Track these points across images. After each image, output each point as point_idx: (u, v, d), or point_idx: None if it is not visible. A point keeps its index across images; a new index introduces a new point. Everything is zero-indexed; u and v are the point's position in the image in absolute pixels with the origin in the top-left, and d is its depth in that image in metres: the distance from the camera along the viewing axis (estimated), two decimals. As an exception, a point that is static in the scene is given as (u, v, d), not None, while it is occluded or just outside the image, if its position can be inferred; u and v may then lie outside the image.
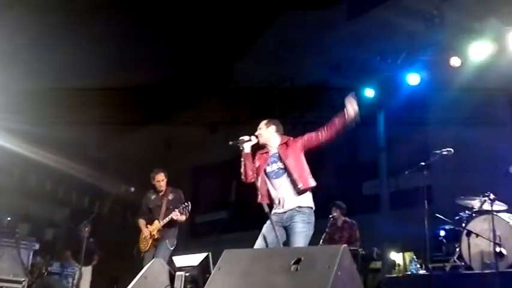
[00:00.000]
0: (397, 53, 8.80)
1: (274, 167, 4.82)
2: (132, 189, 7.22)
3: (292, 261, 3.56)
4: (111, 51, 10.95)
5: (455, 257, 6.42)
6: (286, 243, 4.65)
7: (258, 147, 5.06)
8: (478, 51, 8.08)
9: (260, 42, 13.18)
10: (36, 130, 10.78)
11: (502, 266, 5.71)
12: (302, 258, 3.55)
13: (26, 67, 9.61)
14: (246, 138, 4.98)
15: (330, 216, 7.80)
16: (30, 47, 9.63)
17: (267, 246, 4.63)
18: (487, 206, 6.21)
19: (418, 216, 6.41)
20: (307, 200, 4.73)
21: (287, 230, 4.67)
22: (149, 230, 6.78)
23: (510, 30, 7.81)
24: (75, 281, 8.76)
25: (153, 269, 4.66)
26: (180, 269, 4.46)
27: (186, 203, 6.74)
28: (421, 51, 8.61)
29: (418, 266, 6.50)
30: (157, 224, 6.75)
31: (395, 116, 9.68)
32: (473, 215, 6.43)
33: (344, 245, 3.66)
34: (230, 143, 4.99)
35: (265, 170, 4.86)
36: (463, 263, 6.19)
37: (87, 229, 7.11)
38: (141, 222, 6.96)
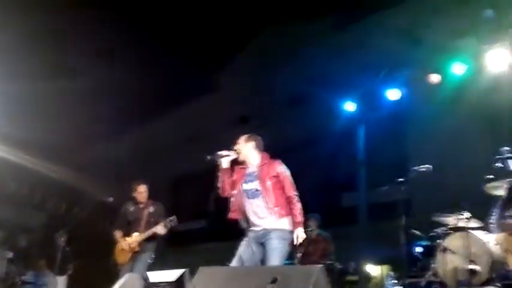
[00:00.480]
0: (378, 68, 8.91)
1: (252, 186, 4.77)
2: (111, 199, 7.15)
3: (268, 281, 3.57)
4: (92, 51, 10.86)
5: (430, 273, 6.49)
6: (263, 259, 4.61)
7: (237, 161, 5.00)
8: (457, 68, 8.23)
9: (241, 52, 13.19)
10: (14, 132, 10.62)
11: (475, 283, 5.79)
12: (278, 278, 3.57)
13: (3, 69, 9.48)
14: (224, 153, 4.97)
15: (308, 229, 7.81)
16: (8, 48, 9.50)
17: (243, 263, 4.60)
18: (462, 223, 6.31)
19: (396, 229, 6.50)
20: (285, 223, 4.68)
21: (263, 246, 4.62)
22: (128, 242, 6.64)
23: (487, 49, 7.97)
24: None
25: (128, 284, 4.63)
26: (155, 284, 4.43)
27: (171, 217, 6.75)
28: (401, 67, 8.72)
29: (394, 281, 6.54)
30: (137, 237, 6.64)
31: (375, 130, 9.78)
32: (449, 231, 6.52)
33: (320, 266, 3.68)
34: (208, 157, 4.97)
35: (242, 186, 4.81)
36: (438, 279, 6.26)
37: (63, 239, 7.02)
38: (118, 234, 6.82)
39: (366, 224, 10.30)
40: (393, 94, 8.89)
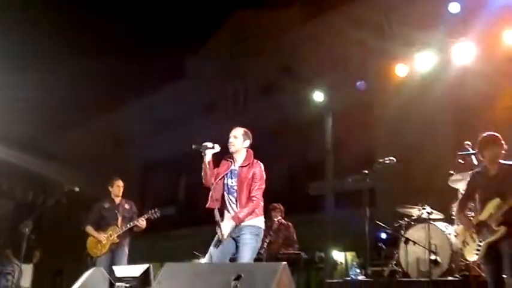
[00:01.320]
0: (347, 59, 8.98)
1: (232, 182, 4.87)
2: (77, 188, 7.08)
3: (233, 278, 3.61)
4: (65, 41, 10.68)
5: (393, 263, 6.65)
6: (234, 253, 4.74)
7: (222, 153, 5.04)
8: (424, 61, 8.32)
9: (214, 38, 13.12)
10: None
11: (436, 273, 5.95)
12: (242, 275, 3.61)
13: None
14: (209, 145, 4.92)
15: (275, 219, 7.88)
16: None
17: (215, 258, 4.67)
18: (424, 215, 6.46)
19: (361, 218, 6.62)
20: (257, 221, 4.81)
21: (236, 241, 4.74)
22: (106, 235, 6.77)
23: (453, 42, 8.08)
24: (14, 280, 8.54)
25: (93, 279, 4.60)
26: (121, 279, 4.41)
27: (155, 209, 6.81)
28: (370, 58, 8.79)
29: (358, 270, 6.67)
30: (116, 229, 6.77)
31: (343, 120, 9.89)
32: (412, 223, 6.67)
33: (283, 263, 3.74)
34: (193, 146, 4.91)
35: (224, 181, 4.90)
36: (400, 269, 6.41)
37: (27, 229, 6.93)
38: (90, 228, 6.91)
39: (333, 212, 10.47)
40: (361, 85, 8.96)
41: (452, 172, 6.25)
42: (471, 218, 4.74)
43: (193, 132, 13.85)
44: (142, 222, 6.73)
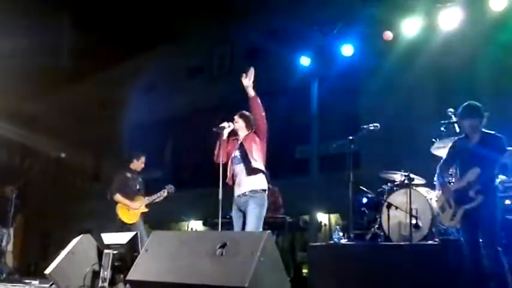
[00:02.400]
0: (333, 24, 8.93)
1: (237, 153, 5.38)
2: (63, 154, 7.13)
3: (218, 246, 3.72)
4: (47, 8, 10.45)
5: (375, 227, 6.81)
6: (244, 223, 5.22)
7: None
8: (410, 26, 8.31)
9: (201, 2, 12.93)
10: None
11: (417, 237, 6.12)
12: (227, 243, 3.71)
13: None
14: (226, 125, 5.47)
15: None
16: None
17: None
18: (406, 180, 6.59)
19: (345, 182, 6.75)
20: (260, 182, 5.27)
21: (244, 213, 5.22)
22: (138, 205, 7.21)
23: (440, 8, 8.06)
24: (3, 244, 8.62)
25: (82, 245, 4.70)
26: (108, 246, 4.51)
27: (171, 186, 7.38)
28: (356, 23, 8.75)
29: (341, 234, 6.83)
30: (143, 200, 7.26)
31: (329, 85, 9.92)
32: (394, 188, 6.81)
33: (268, 232, 3.85)
34: (214, 129, 5.44)
35: (232, 155, 5.41)
36: (382, 233, 6.58)
37: (14, 195, 7.00)
38: (119, 196, 7.20)
39: (318, 175, 10.61)
40: (347, 50, 8.95)
41: (434, 140, 6.36)
42: (451, 184, 4.86)
43: (180, 95, 13.81)
44: (163, 196, 7.31)
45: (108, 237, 4.66)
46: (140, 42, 13.67)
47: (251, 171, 5.23)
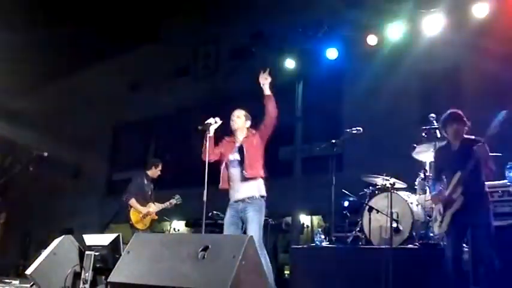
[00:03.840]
0: (318, 27, 8.98)
1: (235, 156, 5.27)
2: (45, 153, 7.08)
3: (200, 249, 3.73)
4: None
5: (357, 230, 6.89)
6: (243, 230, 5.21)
7: (229, 134, 5.47)
8: (394, 31, 8.40)
9: (186, 1, 12.92)
10: None
11: (397, 241, 6.20)
12: (209, 246, 3.72)
13: None
14: (212, 121, 5.36)
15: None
16: None
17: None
18: (388, 184, 6.67)
19: (328, 183, 6.82)
20: (258, 188, 5.22)
21: (243, 220, 5.18)
22: (151, 211, 7.41)
23: (424, 13, 8.16)
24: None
25: (63, 246, 4.68)
26: (90, 248, 4.50)
27: (179, 197, 7.67)
28: (340, 27, 8.81)
29: (323, 237, 6.89)
30: (154, 207, 7.46)
31: (313, 88, 9.97)
32: (376, 191, 6.90)
33: (250, 235, 3.87)
34: (199, 127, 5.32)
35: (228, 158, 5.31)
36: (363, 236, 6.66)
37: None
38: (135, 202, 7.37)
39: (301, 176, 10.65)
40: (332, 53, 9.01)
41: (415, 145, 6.44)
42: (440, 194, 4.88)
43: (165, 95, 13.77)
44: (171, 206, 7.60)
45: (90, 238, 4.65)
46: (125, 41, 13.58)
47: (251, 178, 5.15)
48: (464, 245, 4.97)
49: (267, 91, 5.41)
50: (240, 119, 5.44)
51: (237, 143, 5.37)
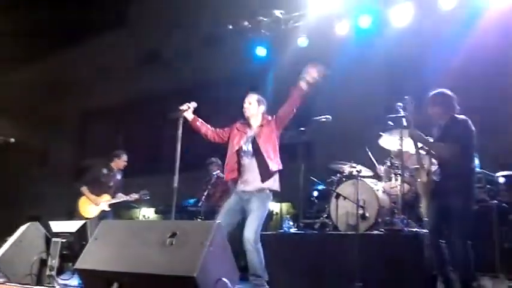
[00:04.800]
0: (289, 15, 9.02)
1: (249, 147, 4.98)
2: (12, 140, 6.99)
3: (168, 235, 3.75)
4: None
5: (324, 216, 7.01)
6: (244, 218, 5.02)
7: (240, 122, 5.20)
8: (363, 21, 8.48)
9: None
10: None
11: (364, 227, 6.34)
12: (177, 233, 3.75)
13: None
14: (184, 107, 5.07)
15: (214, 173, 8.06)
16: None
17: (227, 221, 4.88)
18: (355, 172, 6.81)
19: (296, 170, 6.90)
20: (272, 182, 5.00)
21: (246, 209, 4.98)
22: (101, 201, 7.37)
23: (393, 3, 8.27)
24: None
25: (29, 233, 4.64)
26: (57, 234, 4.47)
27: (146, 193, 7.53)
28: (310, 15, 8.84)
29: (291, 223, 6.99)
30: (108, 198, 7.42)
31: (284, 76, 9.99)
32: (343, 179, 7.03)
33: (217, 222, 3.91)
34: (171, 114, 5.02)
35: (240, 148, 5.00)
36: (330, 223, 6.78)
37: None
38: (86, 189, 7.40)
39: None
40: (302, 41, 9.06)
41: (381, 134, 6.56)
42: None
43: (134, 82, 13.63)
44: (132, 199, 7.47)
45: (57, 225, 4.62)
46: (94, 26, 13.35)
47: (266, 172, 4.89)
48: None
49: (304, 86, 5.10)
50: (252, 106, 5.15)
51: (250, 131, 5.08)
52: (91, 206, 7.37)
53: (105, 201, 7.40)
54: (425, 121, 5.13)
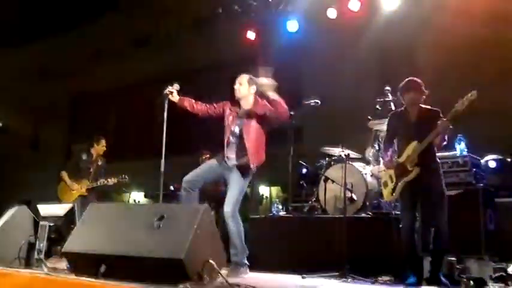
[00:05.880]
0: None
1: (236, 129, 5.04)
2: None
3: (155, 218, 3.77)
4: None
5: (313, 199, 7.06)
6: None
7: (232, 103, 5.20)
8: (353, 5, 8.47)
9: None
10: None
11: (351, 210, 6.39)
12: (165, 216, 3.78)
13: None
14: (169, 90, 5.10)
15: (204, 157, 8.07)
16: None
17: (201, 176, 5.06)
18: (343, 155, 6.83)
19: (286, 154, 6.93)
20: (251, 165, 5.04)
21: (226, 177, 5.11)
22: (77, 186, 7.43)
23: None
24: None
25: (17, 217, 4.65)
26: (45, 218, 4.48)
27: (125, 177, 7.45)
28: (301, -1, 8.82)
29: (280, 207, 7.03)
30: (86, 183, 7.44)
31: (274, 60, 9.98)
32: (332, 162, 7.06)
33: (205, 205, 3.94)
34: (158, 100, 5.06)
35: (231, 130, 5.09)
36: (319, 206, 6.82)
37: None
38: (64, 174, 7.53)
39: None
40: (292, 25, 9.03)
41: (370, 118, 6.59)
42: (393, 160, 4.99)
43: (125, 66, 13.56)
44: (111, 183, 7.45)
45: (45, 209, 4.63)
46: (86, 10, 13.23)
47: (244, 155, 4.95)
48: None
49: (270, 96, 4.98)
50: (243, 87, 5.11)
51: (239, 113, 5.10)
52: (69, 190, 7.48)
53: (80, 186, 7.45)
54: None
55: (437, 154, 4.90)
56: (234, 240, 4.98)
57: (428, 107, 4.87)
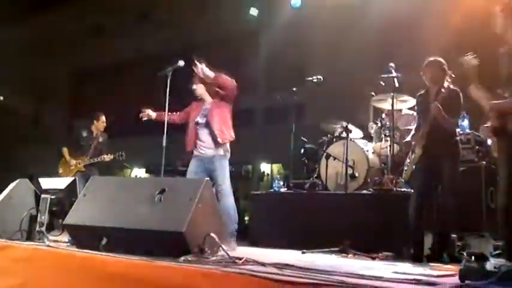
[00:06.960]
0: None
1: (203, 120, 5.41)
2: (1, 97, 7.03)
3: (157, 192, 3.77)
4: None
5: (314, 176, 7.05)
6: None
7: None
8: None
9: None
10: None
11: (353, 186, 6.39)
12: (166, 189, 3.77)
13: None
14: (143, 114, 5.90)
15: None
16: None
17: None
18: (345, 132, 6.80)
19: (289, 131, 6.92)
20: (225, 149, 5.41)
21: (208, 170, 5.33)
22: (77, 161, 7.56)
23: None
24: None
25: (19, 190, 4.65)
26: (46, 191, 4.48)
27: (122, 154, 7.50)
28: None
29: (281, 183, 7.03)
30: (85, 159, 7.54)
31: (277, 36, 9.90)
32: (334, 139, 7.03)
33: (206, 179, 3.92)
34: (158, 73, 5.47)
35: (197, 122, 5.43)
36: (320, 182, 6.82)
37: None
38: (65, 150, 7.71)
39: (262, 126, 10.73)
40: (296, 1, 8.92)
41: (372, 93, 6.54)
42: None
43: (127, 41, 13.46)
44: (107, 159, 7.47)
45: (46, 182, 4.62)
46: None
47: (218, 142, 5.29)
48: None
49: (210, 75, 5.35)
50: (198, 88, 5.52)
51: (204, 105, 5.49)
52: (68, 166, 7.65)
53: (78, 162, 7.57)
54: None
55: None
56: (229, 211, 5.30)
57: (451, 86, 4.78)
